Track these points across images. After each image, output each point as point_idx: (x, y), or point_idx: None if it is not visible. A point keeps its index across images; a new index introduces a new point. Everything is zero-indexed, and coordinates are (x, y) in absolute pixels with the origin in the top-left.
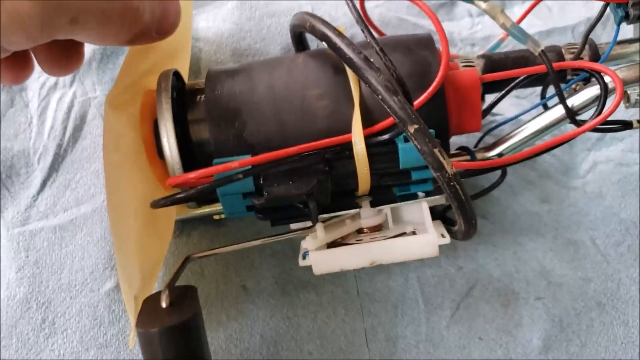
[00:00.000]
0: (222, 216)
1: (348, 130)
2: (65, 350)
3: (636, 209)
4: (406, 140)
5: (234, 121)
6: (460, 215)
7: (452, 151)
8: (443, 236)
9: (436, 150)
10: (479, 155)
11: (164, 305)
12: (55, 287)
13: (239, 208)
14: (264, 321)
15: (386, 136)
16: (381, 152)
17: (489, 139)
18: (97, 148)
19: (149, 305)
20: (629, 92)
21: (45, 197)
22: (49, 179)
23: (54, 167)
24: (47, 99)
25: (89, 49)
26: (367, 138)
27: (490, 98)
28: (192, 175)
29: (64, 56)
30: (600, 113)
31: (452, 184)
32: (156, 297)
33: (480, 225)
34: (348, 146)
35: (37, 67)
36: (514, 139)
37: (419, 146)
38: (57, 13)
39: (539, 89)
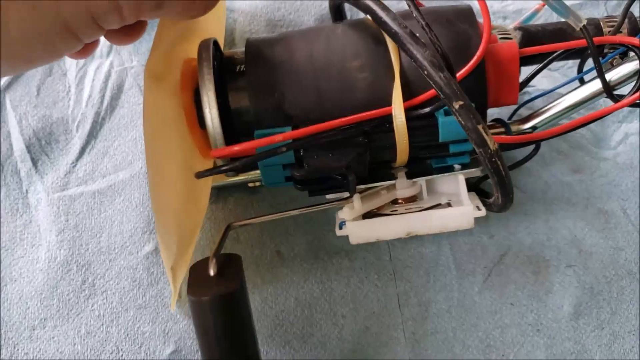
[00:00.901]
0: (257, 184)
1: (387, 102)
2: (105, 310)
3: None
4: (446, 113)
5: (274, 91)
6: (498, 190)
7: (487, 123)
8: (478, 208)
9: (480, 127)
10: (513, 128)
11: (211, 273)
12: (95, 250)
13: (279, 178)
14: (298, 285)
15: (427, 109)
16: (421, 125)
17: (522, 112)
18: (134, 116)
19: (197, 272)
20: None
21: (84, 164)
22: (87, 145)
23: (92, 134)
24: (85, 69)
25: None
26: (407, 111)
27: (525, 71)
28: (237, 148)
29: (131, 27)
30: (639, 89)
31: (493, 159)
32: (203, 264)
33: None
34: (388, 119)
35: None
36: (548, 112)
37: (463, 122)
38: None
39: (571, 61)
